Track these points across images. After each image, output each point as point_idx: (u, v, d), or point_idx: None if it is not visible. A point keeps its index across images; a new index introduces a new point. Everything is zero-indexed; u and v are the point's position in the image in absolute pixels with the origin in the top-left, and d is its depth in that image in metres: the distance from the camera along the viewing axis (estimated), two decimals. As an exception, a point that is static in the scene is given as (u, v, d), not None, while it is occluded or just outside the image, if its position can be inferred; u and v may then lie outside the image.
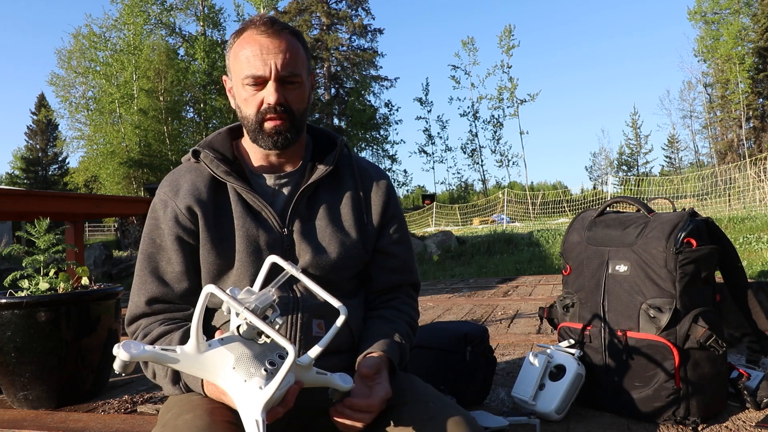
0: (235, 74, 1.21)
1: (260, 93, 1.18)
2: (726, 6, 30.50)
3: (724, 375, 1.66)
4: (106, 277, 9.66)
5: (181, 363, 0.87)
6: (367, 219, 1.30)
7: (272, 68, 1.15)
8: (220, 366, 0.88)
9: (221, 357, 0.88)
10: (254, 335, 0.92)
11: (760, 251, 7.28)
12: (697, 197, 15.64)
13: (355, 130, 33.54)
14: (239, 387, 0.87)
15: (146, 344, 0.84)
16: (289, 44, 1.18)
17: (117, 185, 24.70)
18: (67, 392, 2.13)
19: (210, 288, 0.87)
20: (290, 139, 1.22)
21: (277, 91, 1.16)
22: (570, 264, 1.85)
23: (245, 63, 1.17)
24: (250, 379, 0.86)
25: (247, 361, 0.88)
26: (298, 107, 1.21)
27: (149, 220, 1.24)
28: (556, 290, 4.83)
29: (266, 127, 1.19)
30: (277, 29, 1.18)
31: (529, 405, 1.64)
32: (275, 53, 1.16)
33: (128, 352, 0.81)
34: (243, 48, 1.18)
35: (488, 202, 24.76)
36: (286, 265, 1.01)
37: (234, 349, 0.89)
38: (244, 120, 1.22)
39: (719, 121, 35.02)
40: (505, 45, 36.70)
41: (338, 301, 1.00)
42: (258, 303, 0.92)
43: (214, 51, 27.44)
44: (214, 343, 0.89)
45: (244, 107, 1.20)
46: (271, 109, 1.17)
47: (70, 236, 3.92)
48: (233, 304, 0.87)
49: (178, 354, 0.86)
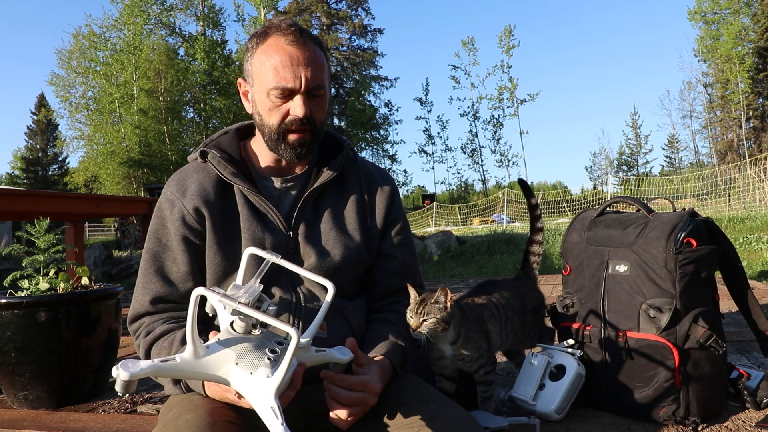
0: (259, 82, 1.18)
1: (286, 104, 1.16)
2: (726, 6, 30.49)
3: (724, 375, 1.66)
4: (106, 277, 9.66)
5: (184, 371, 0.87)
6: (371, 222, 1.30)
7: (302, 81, 1.14)
8: (223, 365, 0.88)
9: (222, 356, 0.88)
10: (249, 329, 0.92)
11: (760, 251, 7.28)
12: (697, 197, 15.64)
13: (355, 130, 33.54)
14: (247, 381, 0.87)
15: (143, 360, 0.83)
16: (316, 55, 1.16)
17: (117, 185, 24.70)
18: (67, 392, 2.13)
19: (199, 290, 0.87)
20: (312, 150, 1.22)
21: (305, 104, 1.15)
22: (570, 264, 1.85)
23: (273, 73, 1.14)
24: (255, 370, 0.87)
25: (248, 354, 0.89)
26: (319, 119, 1.21)
27: (155, 219, 1.23)
28: (556, 290, 4.82)
29: (290, 139, 1.18)
30: (305, 39, 1.16)
31: (529, 405, 1.64)
32: (305, 66, 1.14)
33: (127, 371, 0.80)
34: (270, 56, 1.15)
35: (488, 202, 24.75)
36: (266, 255, 1.02)
37: (233, 346, 0.90)
38: (264, 128, 1.20)
39: (719, 121, 35.03)
40: (505, 45, 36.76)
41: (325, 279, 1.01)
42: (248, 296, 0.93)
43: (214, 51, 27.43)
44: (212, 346, 0.90)
45: (266, 116, 1.18)
46: (297, 122, 1.16)
47: (70, 236, 3.92)
48: (226, 302, 0.88)
49: (179, 363, 0.86)
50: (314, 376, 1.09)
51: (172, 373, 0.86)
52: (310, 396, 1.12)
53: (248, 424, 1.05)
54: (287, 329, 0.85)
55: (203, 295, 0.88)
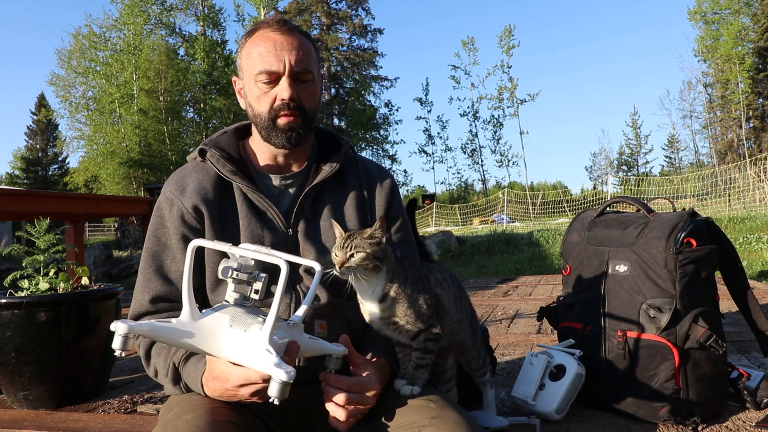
0: (247, 72, 1.21)
1: (273, 90, 1.18)
2: (726, 6, 30.48)
3: (724, 375, 1.66)
4: (106, 277, 9.66)
5: (178, 333, 0.89)
6: (370, 219, 1.30)
7: (286, 64, 1.16)
8: (218, 327, 0.91)
9: (217, 319, 0.92)
10: (242, 301, 0.96)
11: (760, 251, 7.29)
12: (697, 197, 15.64)
13: (355, 130, 33.52)
14: (241, 338, 0.89)
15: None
16: (302, 42, 1.20)
17: (117, 185, 24.68)
18: (67, 392, 2.13)
19: (197, 242, 0.94)
20: (303, 135, 1.22)
21: (291, 86, 1.17)
22: (570, 264, 1.85)
23: (258, 59, 1.17)
24: (248, 328, 0.90)
25: (242, 316, 0.92)
26: (310, 105, 1.22)
27: (154, 219, 1.24)
28: (556, 290, 4.82)
29: (279, 123, 1.20)
30: (290, 28, 1.20)
31: (529, 405, 1.64)
32: (289, 50, 1.17)
33: (126, 324, 0.84)
34: (256, 45, 1.19)
35: (488, 202, 24.76)
36: (253, 249, 1.03)
37: (227, 311, 0.93)
38: (256, 118, 1.22)
39: (719, 121, 35.01)
40: (505, 45, 36.70)
41: (315, 262, 1.02)
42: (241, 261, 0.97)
43: (214, 51, 27.42)
44: (207, 311, 0.93)
45: (256, 105, 1.21)
46: (285, 105, 1.18)
47: (70, 236, 3.92)
48: (219, 246, 0.94)
49: (174, 324, 0.89)
50: (312, 377, 1.08)
51: (167, 334, 0.89)
52: (308, 397, 1.12)
53: (248, 424, 1.05)
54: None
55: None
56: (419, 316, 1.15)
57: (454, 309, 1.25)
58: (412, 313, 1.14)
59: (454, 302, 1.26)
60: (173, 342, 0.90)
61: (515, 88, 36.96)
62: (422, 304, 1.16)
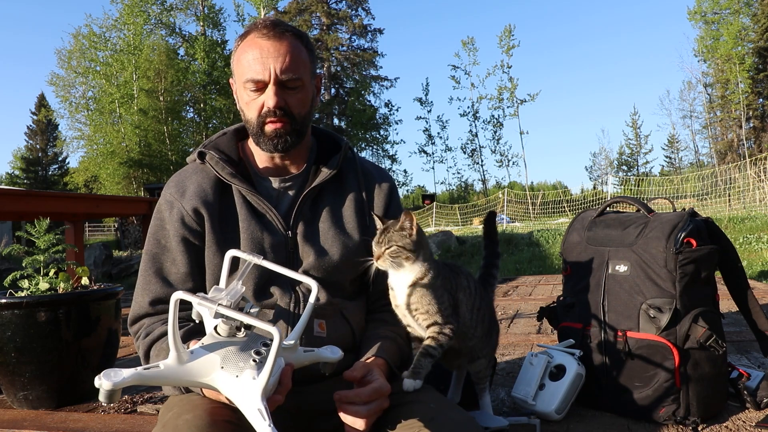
0: (237, 77, 1.21)
1: (261, 97, 1.18)
2: (726, 6, 30.48)
3: (724, 375, 1.66)
4: (106, 277, 9.66)
5: (168, 378, 0.86)
6: (369, 221, 1.30)
7: (272, 72, 1.15)
8: (209, 370, 0.87)
9: (207, 361, 0.88)
10: (233, 332, 0.91)
11: (760, 251, 7.29)
12: (697, 197, 15.64)
13: (355, 130, 33.53)
14: (233, 384, 0.87)
15: (126, 369, 0.82)
16: (290, 47, 1.18)
17: (117, 185, 24.70)
18: (67, 392, 2.12)
19: (178, 294, 0.86)
20: (291, 142, 1.22)
21: (277, 95, 1.17)
22: (570, 264, 1.85)
23: (246, 67, 1.17)
24: (241, 373, 0.86)
25: (233, 357, 0.88)
26: (299, 111, 1.21)
27: (154, 221, 1.24)
28: (556, 290, 4.82)
29: (267, 130, 1.20)
30: (279, 32, 1.18)
31: (529, 405, 1.64)
32: (275, 57, 1.15)
33: (110, 380, 0.78)
34: (245, 51, 1.18)
35: (488, 202, 24.76)
36: (246, 256, 1.03)
37: (218, 350, 0.89)
38: (247, 123, 1.23)
39: (719, 121, 35.02)
40: (505, 45, 36.69)
41: (308, 277, 1.01)
42: (230, 297, 0.93)
43: (214, 51, 27.45)
44: (196, 351, 0.89)
45: (246, 110, 1.21)
46: (271, 113, 1.18)
47: (70, 236, 3.92)
48: (206, 304, 0.87)
49: (162, 369, 0.85)
50: (310, 377, 1.08)
51: (156, 380, 0.85)
52: (307, 397, 1.12)
53: (247, 423, 1.05)
54: (269, 329, 0.84)
55: (185, 300, 0.87)
56: (440, 310, 1.23)
57: (469, 316, 1.33)
58: (435, 305, 1.22)
59: (471, 310, 1.33)
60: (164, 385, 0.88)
61: (515, 88, 36.95)
62: (445, 301, 1.25)
